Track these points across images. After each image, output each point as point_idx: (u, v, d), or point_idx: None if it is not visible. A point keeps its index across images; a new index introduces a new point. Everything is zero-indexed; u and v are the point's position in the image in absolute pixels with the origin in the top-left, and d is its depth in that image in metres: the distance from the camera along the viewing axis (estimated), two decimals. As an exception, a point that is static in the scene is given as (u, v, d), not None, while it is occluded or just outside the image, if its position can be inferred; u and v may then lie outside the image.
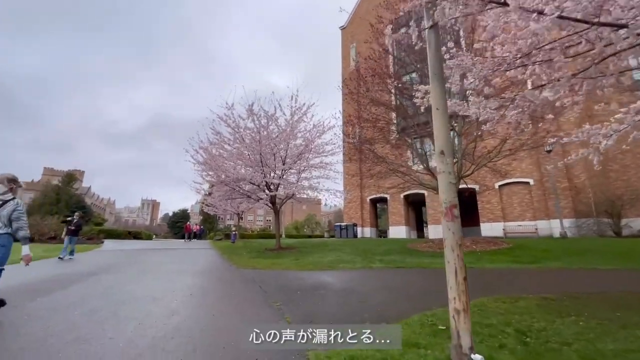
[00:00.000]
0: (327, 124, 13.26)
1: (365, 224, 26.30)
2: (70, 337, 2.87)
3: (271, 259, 9.87)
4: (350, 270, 7.51)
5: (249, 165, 12.24)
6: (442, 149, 2.89)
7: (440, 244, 11.01)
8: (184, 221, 75.07)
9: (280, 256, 10.72)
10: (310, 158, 13.58)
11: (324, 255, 10.55)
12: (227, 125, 12.31)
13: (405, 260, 8.81)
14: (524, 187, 21.03)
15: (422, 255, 9.81)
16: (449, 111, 3.31)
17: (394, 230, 24.48)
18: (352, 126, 13.91)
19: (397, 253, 10.32)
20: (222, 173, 11.91)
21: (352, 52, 30.94)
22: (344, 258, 9.55)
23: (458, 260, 2.69)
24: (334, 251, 11.64)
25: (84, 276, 6.23)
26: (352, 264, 8.29)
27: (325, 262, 8.87)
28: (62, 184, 75.66)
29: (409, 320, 3.58)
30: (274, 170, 12.53)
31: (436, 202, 22.47)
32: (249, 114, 11.84)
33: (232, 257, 10.53)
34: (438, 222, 22.26)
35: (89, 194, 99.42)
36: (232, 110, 12.02)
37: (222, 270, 7.73)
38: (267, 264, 8.78)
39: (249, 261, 9.43)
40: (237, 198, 13.97)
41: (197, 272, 7.10)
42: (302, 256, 10.43)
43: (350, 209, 27.10)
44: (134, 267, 7.71)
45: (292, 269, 7.77)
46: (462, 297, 2.63)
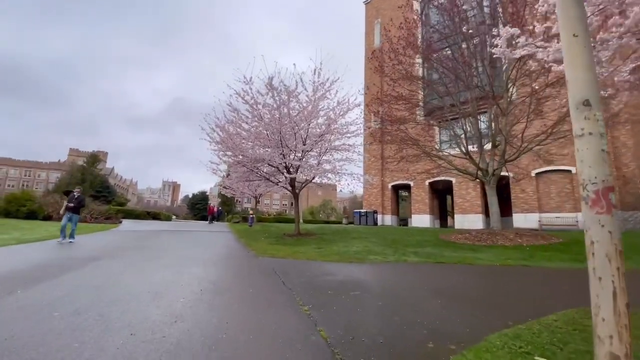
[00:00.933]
0: (352, 102, 12.09)
1: (386, 212, 25.20)
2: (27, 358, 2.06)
3: (291, 246, 9.07)
4: (382, 264, 6.56)
5: (267, 145, 11.34)
6: (586, 97, 1.80)
7: (481, 236, 9.89)
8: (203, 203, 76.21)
9: (300, 243, 9.91)
10: (332, 140, 12.54)
11: (348, 244, 9.65)
12: (245, 102, 11.38)
13: (444, 254, 7.77)
14: (564, 175, 19.22)
15: (460, 248, 8.73)
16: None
17: (417, 219, 23.29)
18: (380, 104, 12.66)
19: (432, 245, 9.27)
20: (240, 153, 11.07)
21: (376, 28, 29.03)
22: (372, 249, 8.61)
23: (618, 277, 1.64)
24: (359, 240, 10.72)
25: (82, 262, 5.58)
26: (382, 256, 7.35)
27: (352, 252, 7.96)
28: (87, 164, 78.22)
29: (487, 344, 2.60)
30: (294, 152, 11.58)
31: (464, 190, 21.09)
32: (269, 89, 10.83)
33: (250, 242, 9.81)
34: (466, 212, 20.95)
35: (112, 174, 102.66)
36: (250, 85, 11.04)
37: (239, 258, 6.96)
38: (288, 251, 7.97)
39: (268, 247, 8.67)
40: (255, 180, 13.18)
41: (211, 260, 6.35)
42: (324, 244, 9.57)
43: (370, 196, 26.00)
44: (141, 252, 7.06)
45: (316, 259, 6.90)
46: (624, 335, 1.60)
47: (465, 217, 20.93)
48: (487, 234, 9.82)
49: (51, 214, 17.23)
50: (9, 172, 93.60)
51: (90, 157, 79.90)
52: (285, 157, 11.19)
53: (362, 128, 12.81)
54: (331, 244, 9.55)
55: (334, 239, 11.22)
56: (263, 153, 10.89)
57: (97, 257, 6.16)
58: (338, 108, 12.09)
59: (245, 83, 11.03)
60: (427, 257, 7.30)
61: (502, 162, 10.73)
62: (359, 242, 10.15)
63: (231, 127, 11.50)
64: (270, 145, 11.03)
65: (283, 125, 10.68)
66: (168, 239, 10.22)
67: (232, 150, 11.46)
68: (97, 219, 17.59)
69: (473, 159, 11.05)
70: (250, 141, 11.09)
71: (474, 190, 20.87)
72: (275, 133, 10.99)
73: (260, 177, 12.91)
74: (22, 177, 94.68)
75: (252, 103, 11.28)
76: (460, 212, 21.36)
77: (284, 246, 9.09)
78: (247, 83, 11.02)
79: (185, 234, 12.82)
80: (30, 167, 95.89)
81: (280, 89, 10.66)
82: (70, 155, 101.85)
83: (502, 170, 10.88)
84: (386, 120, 12.67)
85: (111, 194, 77.20)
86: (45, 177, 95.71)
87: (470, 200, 21.00)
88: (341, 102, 11.94)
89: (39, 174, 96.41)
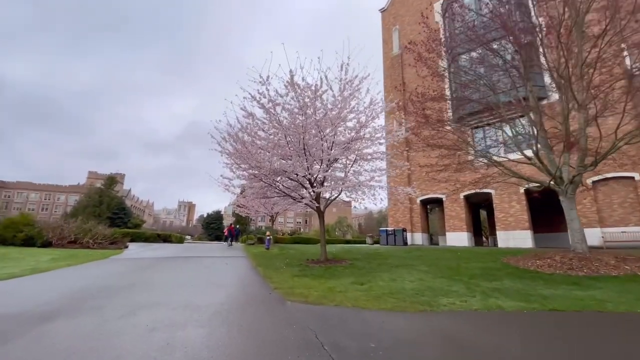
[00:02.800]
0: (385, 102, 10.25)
1: (416, 229, 22.79)
2: None
3: (323, 279, 7.01)
4: (468, 314, 4.44)
5: (288, 155, 9.52)
6: None
7: (569, 262, 7.46)
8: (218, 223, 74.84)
9: (332, 273, 7.84)
10: (361, 148, 10.66)
11: (394, 275, 7.53)
12: (261, 107, 9.66)
13: (541, 292, 5.56)
14: (628, 183, 16.57)
15: (553, 281, 6.46)
16: None
17: (453, 237, 20.74)
18: (421, 103, 10.73)
19: (508, 276, 7.03)
20: (256, 165, 9.25)
21: (394, 35, 27.62)
22: (432, 283, 6.47)
23: None
24: (404, 268, 8.57)
25: (21, 325, 3.69)
26: (458, 298, 5.20)
27: (409, 291, 5.84)
28: (104, 186, 79.10)
29: None
30: (319, 162, 9.72)
31: (507, 204, 18.63)
32: (289, 88, 9.12)
33: (271, 274, 7.81)
34: (511, 228, 18.38)
35: (129, 196, 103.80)
36: (267, 86, 9.34)
37: (259, 304, 4.94)
38: (321, 289, 5.93)
39: (294, 282, 6.64)
40: (272, 197, 11.31)
41: (221, 311, 4.38)
42: (363, 275, 7.47)
43: (397, 212, 23.69)
44: (127, 298, 5.15)
45: (366, 305, 4.84)
46: None
47: (510, 234, 18.31)
48: (577, 260, 7.50)
49: (51, 239, 15.78)
50: (30, 195, 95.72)
51: (108, 179, 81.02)
52: (310, 167, 9.32)
53: (383, 135, 10.91)
54: (372, 276, 7.44)
55: (371, 266, 9.10)
56: (284, 164, 9.04)
57: (55, 312, 4.27)
58: (369, 109, 10.27)
59: (262, 84, 9.34)
60: (523, 299, 5.11)
61: (581, 166, 8.51)
62: (407, 271, 8.00)
63: (245, 135, 9.77)
64: (291, 155, 9.20)
65: (307, 131, 8.87)
66: (170, 271, 8.34)
67: (247, 162, 9.67)
68: (100, 243, 16.01)
69: (544, 163, 8.86)
70: (268, 151, 9.28)
71: (519, 203, 18.35)
72: (297, 140, 9.19)
73: (278, 193, 11.02)
74: (42, 201, 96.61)
75: (269, 107, 9.57)
76: (503, 228, 18.76)
77: (314, 279, 7.04)
78: (263, 84, 9.34)
79: (194, 261, 10.94)
80: (50, 190, 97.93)
81: (303, 86, 8.92)
82: (89, 178, 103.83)
83: (581, 176, 8.64)
84: (424, 122, 10.70)
85: (127, 216, 77.50)
86: (64, 200, 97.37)
87: (514, 214, 18.44)
88: (374, 102, 10.12)
89: (58, 197, 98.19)
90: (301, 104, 8.82)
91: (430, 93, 11.39)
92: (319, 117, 8.82)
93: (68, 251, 13.74)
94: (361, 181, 10.64)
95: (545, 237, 19.34)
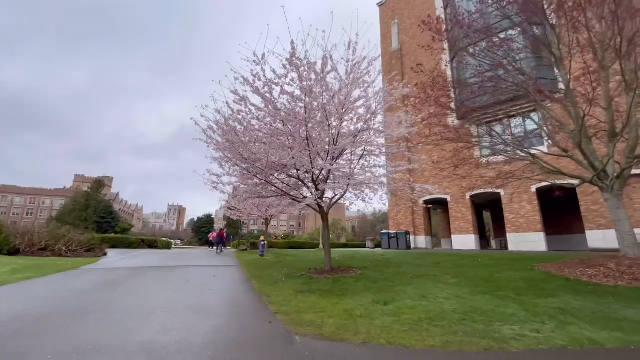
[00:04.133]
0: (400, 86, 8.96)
1: (419, 232, 21.53)
2: None
3: (334, 297, 5.61)
4: (559, 354, 3.10)
5: (288, 146, 8.10)
6: None
7: (630, 271, 6.11)
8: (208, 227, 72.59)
9: (343, 287, 6.43)
10: (372, 138, 9.37)
11: (419, 288, 6.18)
12: (255, 91, 8.22)
13: (619, 310, 4.28)
14: (646, 181, 15.60)
15: (623, 295, 5.18)
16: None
17: (459, 240, 19.51)
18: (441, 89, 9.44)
19: (562, 289, 5.73)
20: (250, 157, 7.81)
21: (393, 30, 26.53)
22: (473, 302, 5.12)
23: None
24: (427, 279, 7.22)
25: None
26: (520, 325, 3.87)
27: (451, 313, 4.48)
28: (91, 190, 76.16)
29: None
30: (324, 154, 8.35)
31: (517, 204, 17.48)
32: (291, 66, 7.71)
33: (268, 290, 6.36)
34: (522, 230, 17.23)
35: (117, 200, 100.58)
36: (262, 66, 7.91)
37: (253, 348, 3.49)
38: (337, 313, 4.54)
39: (298, 302, 5.23)
40: (269, 197, 9.83)
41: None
42: (383, 291, 6.10)
43: (398, 214, 22.42)
44: (55, 339, 3.58)
45: (404, 340, 3.45)
46: None
47: (521, 236, 17.16)
48: (638, 267, 6.25)
49: (19, 246, 14.02)
50: (14, 200, 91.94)
51: (95, 182, 78.25)
52: (313, 160, 7.94)
53: (409, 122, 9.61)
54: (394, 291, 6.06)
55: (386, 277, 7.72)
56: (284, 155, 7.60)
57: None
58: (379, 96, 8.97)
59: (257, 64, 7.91)
60: (612, 325, 3.78)
61: (631, 157, 7.32)
62: (433, 284, 6.65)
63: (237, 124, 8.31)
64: (292, 146, 7.78)
65: (311, 117, 7.49)
66: (144, 288, 6.80)
67: (239, 155, 8.21)
68: (74, 251, 14.31)
69: (587, 155, 7.63)
70: (264, 141, 7.83)
71: (530, 204, 17.24)
72: (298, 129, 7.80)
73: (275, 192, 9.57)
74: (27, 205, 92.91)
75: (264, 91, 8.14)
76: (513, 230, 17.60)
77: (323, 297, 5.63)
78: (258, 63, 7.91)
79: (177, 273, 9.41)
80: (35, 194, 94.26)
81: (307, 64, 7.53)
82: (76, 182, 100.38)
83: (631, 170, 7.44)
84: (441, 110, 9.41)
85: (115, 220, 74.76)
86: (50, 204, 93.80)
87: (525, 215, 17.31)
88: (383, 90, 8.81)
89: (43, 201, 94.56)
90: (305, 85, 7.42)
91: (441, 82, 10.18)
92: (325, 100, 7.44)
93: (35, 260, 12.04)
94: (369, 178, 9.31)
95: (557, 240, 18.25)
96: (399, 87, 8.99)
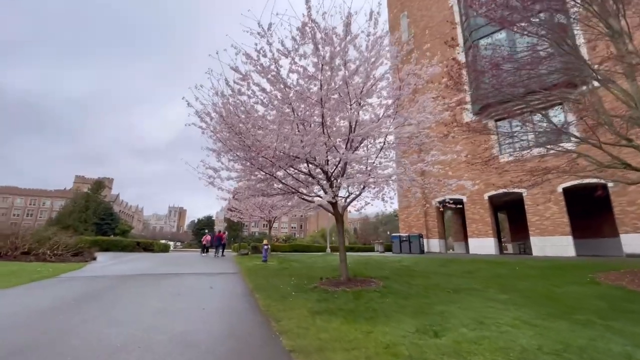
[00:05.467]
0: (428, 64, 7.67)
1: (432, 235, 20.16)
2: None
3: (362, 321, 4.31)
4: None
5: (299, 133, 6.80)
6: None
7: None
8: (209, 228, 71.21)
9: (368, 306, 5.12)
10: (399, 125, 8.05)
11: (467, 309, 4.86)
12: (261, 70, 6.92)
13: None
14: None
15: None
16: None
17: (477, 244, 18.13)
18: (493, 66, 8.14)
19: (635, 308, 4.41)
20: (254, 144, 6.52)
21: (403, 22, 25.29)
22: (552, 331, 3.80)
23: None
24: (469, 295, 5.90)
25: None
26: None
27: (536, 352, 3.17)
28: (91, 191, 75.01)
29: None
30: (341, 143, 7.07)
31: (541, 205, 16.13)
32: (303, 39, 6.43)
33: (276, 308, 5.06)
34: (547, 233, 15.86)
35: (117, 201, 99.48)
36: (268, 38, 6.62)
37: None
38: (373, 350, 3.25)
39: (318, 330, 3.93)
40: (275, 195, 8.52)
41: None
42: (422, 312, 4.79)
43: (409, 216, 21.06)
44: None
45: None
46: None
47: (547, 240, 15.78)
48: None
49: (0, 250, 12.77)
50: (15, 201, 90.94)
51: (95, 183, 77.15)
52: (329, 150, 6.65)
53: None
54: (435, 313, 4.75)
55: (417, 291, 6.41)
56: (297, 141, 6.25)
57: None
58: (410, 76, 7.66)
59: (261, 36, 6.62)
60: None
61: None
62: (481, 303, 5.33)
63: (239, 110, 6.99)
64: (305, 133, 6.48)
65: (330, 98, 6.21)
66: (121, 308, 5.50)
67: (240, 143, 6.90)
68: (60, 255, 13.04)
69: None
70: (274, 127, 6.52)
71: (556, 205, 15.86)
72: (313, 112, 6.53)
73: (282, 189, 8.26)
74: (28, 206, 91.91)
75: (271, 69, 6.84)
76: (538, 233, 16.22)
77: (348, 321, 4.32)
78: (263, 35, 6.61)
79: (167, 283, 8.12)
80: (35, 195, 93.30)
81: (326, 30, 6.22)
82: (76, 183, 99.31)
83: None
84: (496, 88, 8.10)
85: (115, 221, 73.62)
86: (50, 205, 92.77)
87: (551, 217, 15.93)
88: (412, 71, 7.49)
89: (43, 202, 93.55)
90: (323, 53, 6.13)
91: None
92: (348, 73, 6.15)
93: (13, 265, 10.77)
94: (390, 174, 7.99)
95: (585, 244, 16.85)
96: (427, 67, 7.69)
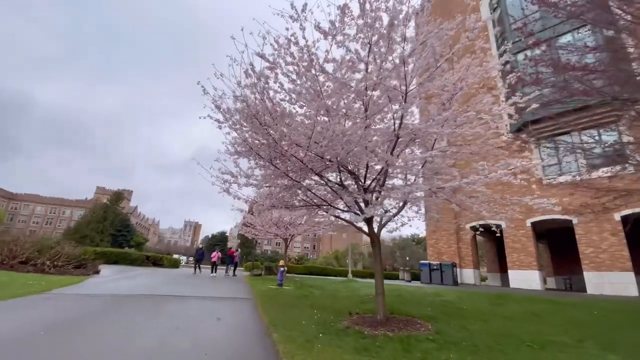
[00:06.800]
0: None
1: (465, 264, 18.11)
2: None
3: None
4: None
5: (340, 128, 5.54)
6: None
7: None
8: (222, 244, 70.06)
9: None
10: (458, 122, 6.64)
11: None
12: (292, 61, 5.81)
13: None
14: None
15: None
16: None
17: (518, 277, 15.97)
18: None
19: None
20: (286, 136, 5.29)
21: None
22: None
23: None
24: (558, 351, 4.25)
25: None
26: None
27: None
28: (110, 202, 75.98)
29: None
30: (387, 145, 5.75)
31: (596, 235, 14.10)
32: (342, 16, 5.30)
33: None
34: (607, 268, 13.71)
35: (135, 213, 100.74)
36: (301, 23, 5.53)
37: None
38: None
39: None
40: (298, 208, 7.19)
41: None
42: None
43: (439, 241, 19.15)
44: None
45: None
46: None
47: (605, 276, 13.57)
48: None
49: (-2, 258, 11.88)
50: (36, 209, 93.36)
51: (114, 195, 78.20)
52: (369, 155, 5.33)
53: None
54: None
55: (484, 342, 4.79)
56: (337, 134, 4.94)
57: None
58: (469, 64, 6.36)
59: (294, 20, 5.55)
60: None
61: None
62: (573, 358, 3.70)
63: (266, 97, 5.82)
64: (346, 130, 5.21)
65: (380, 83, 4.98)
66: (103, 340, 4.20)
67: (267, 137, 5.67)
68: (60, 267, 12.02)
69: None
70: (311, 111, 5.33)
71: (614, 235, 13.76)
72: (352, 106, 5.30)
73: (307, 202, 6.92)
74: (48, 214, 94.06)
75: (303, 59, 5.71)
76: (592, 267, 14.04)
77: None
78: (296, 19, 5.53)
79: (167, 308, 6.78)
80: (56, 204, 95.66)
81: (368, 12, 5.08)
82: (97, 193, 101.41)
83: None
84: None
85: (130, 233, 73.88)
86: (69, 214, 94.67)
87: (608, 250, 13.79)
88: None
89: (63, 211, 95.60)
90: (377, 37, 4.96)
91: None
92: (407, 52, 4.91)
93: (3, 276, 9.75)
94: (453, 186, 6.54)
95: None
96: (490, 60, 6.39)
